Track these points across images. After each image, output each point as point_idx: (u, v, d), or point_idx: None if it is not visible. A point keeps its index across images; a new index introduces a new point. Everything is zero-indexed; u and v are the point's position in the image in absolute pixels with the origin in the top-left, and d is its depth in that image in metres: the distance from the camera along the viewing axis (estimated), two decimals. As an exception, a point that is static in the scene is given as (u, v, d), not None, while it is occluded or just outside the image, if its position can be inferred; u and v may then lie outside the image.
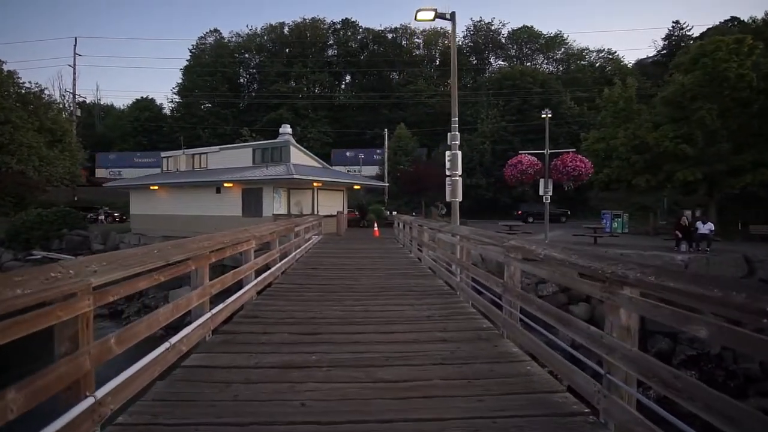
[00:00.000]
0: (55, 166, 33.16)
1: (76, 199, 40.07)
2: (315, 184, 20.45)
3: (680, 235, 16.12)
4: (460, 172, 9.33)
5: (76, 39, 41.43)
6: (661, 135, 19.98)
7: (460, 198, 9.64)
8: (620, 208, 26.77)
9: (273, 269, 7.15)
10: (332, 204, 22.19)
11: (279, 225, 8.52)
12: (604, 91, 24.34)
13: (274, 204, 20.31)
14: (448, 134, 9.51)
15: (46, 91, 35.22)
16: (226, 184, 20.73)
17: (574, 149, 17.93)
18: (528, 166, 16.36)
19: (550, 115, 17.33)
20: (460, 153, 9.29)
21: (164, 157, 25.90)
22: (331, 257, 11.20)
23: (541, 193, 16.51)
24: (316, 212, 21.07)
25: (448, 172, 9.47)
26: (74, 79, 41.06)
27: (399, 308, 5.62)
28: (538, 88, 44.70)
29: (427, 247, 9.48)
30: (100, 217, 33.12)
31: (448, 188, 9.70)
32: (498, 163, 43.82)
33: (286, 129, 23.03)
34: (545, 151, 16.56)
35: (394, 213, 32.32)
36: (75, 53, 41.17)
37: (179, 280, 5.93)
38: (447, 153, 9.53)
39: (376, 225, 20.85)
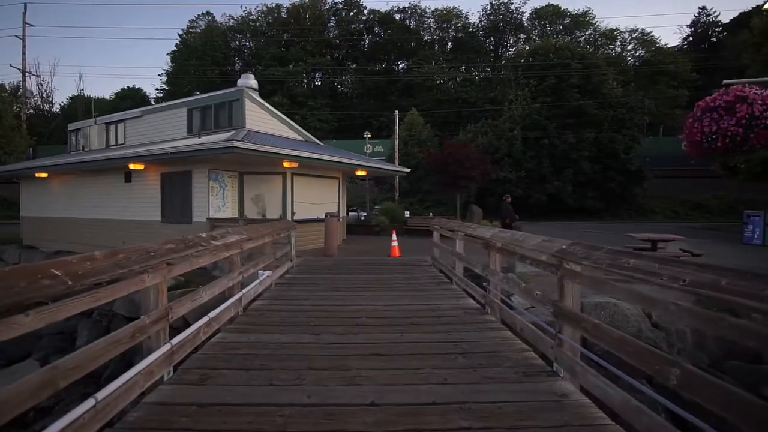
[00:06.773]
0: (-26, 154, 23.69)
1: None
2: (286, 163, 10.38)
3: None
4: None
5: (25, 5, 31.54)
6: None
7: None
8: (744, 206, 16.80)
9: None
10: (320, 201, 12.23)
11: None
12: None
13: (212, 199, 10.35)
14: None
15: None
16: (132, 166, 10.78)
17: None
18: (765, 108, 6.37)
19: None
20: None
21: (71, 130, 15.73)
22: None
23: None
24: (290, 215, 11.12)
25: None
26: (23, 53, 31.20)
27: None
28: (576, 63, 34.50)
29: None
30: None
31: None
32: (529, 152, 33.99)
33: (247, 80, 12.86)
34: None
35: (407, 213, 22.31)
36: (24, 22, 31.30)
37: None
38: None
39: (394, 236, 10.87)
